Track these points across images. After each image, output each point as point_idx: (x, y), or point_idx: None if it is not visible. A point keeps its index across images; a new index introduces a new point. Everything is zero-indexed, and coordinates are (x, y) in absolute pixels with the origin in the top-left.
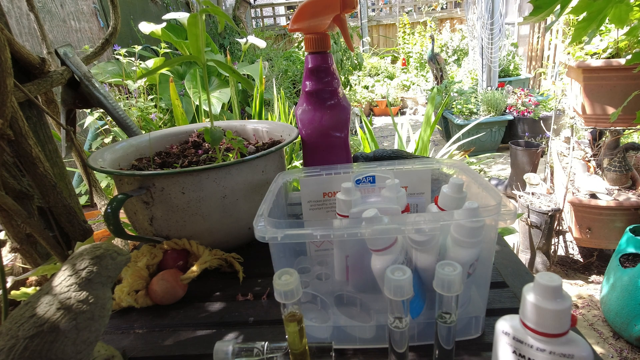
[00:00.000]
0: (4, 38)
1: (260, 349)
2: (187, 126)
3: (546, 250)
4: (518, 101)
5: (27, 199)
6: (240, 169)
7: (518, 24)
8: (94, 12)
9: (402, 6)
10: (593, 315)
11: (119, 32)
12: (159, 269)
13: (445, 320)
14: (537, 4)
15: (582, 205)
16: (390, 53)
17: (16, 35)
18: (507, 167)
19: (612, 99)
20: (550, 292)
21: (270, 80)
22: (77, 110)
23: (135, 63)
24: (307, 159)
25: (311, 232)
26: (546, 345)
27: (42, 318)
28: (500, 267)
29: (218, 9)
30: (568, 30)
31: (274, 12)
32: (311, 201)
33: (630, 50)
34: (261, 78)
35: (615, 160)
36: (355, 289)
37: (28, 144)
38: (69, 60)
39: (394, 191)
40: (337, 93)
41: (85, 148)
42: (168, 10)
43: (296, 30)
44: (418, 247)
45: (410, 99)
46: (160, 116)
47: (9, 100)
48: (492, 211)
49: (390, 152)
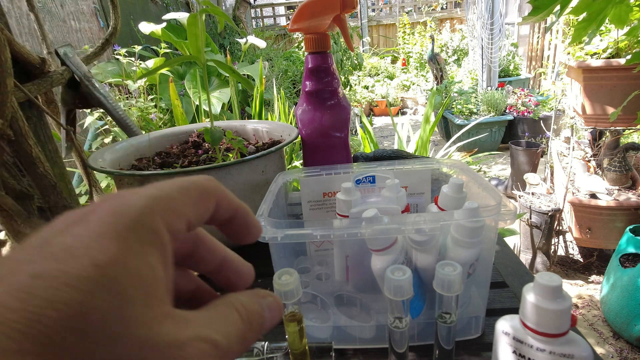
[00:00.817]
0: (4, 38)
1: (260, 349)
2: (187, 126)
3: (546, 250)
4: (518, 101)
5: (27, 199)
6: (240, 169)
7: (518, 24)
8: (94, 12)
9: (402, 6)
10: (593, 315)
11: (119, 32)
12: None
13: (445, 320)
14: (536, 4)
15: (582, 205)
16: (390, 53)
17: (16, 35)
18: (507, 167)
19: (612, 99)
20: (550, 292)
21: (270, 80)
22: (77, 110)
23: (135, 63)
24: (307, 159)
25: (311, 232)
26: (546, 345)
27: None
28: (500, 267)
29: (218, 9)
30: (568, 30)
31: (274, 12)
32: (311, 201)
33: (630, 50)
34: (261, 78)
35: (615, 160)
36: (355, 289)
37: (28, 144)
38: (69, 60)
39: (394, 191)
40: (337, 93)
41: (85, 148)
42: (168, 10)
43: (296, 30)
44: (418, 247)
45: (410, 99)
46: (160, 116)
47: (9, 100)
48: (492, 211)
49: (390, 152)
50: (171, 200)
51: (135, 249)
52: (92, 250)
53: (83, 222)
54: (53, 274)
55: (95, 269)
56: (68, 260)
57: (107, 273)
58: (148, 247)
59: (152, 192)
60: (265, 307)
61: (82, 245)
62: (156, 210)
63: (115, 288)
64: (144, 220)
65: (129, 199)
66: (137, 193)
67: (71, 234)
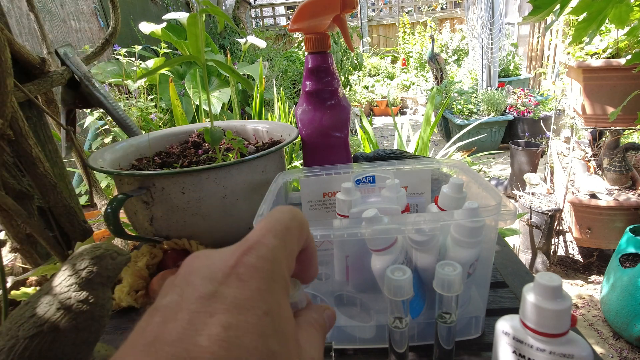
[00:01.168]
0: (4, 38)
1: None
2: (187, 126)
3: (546, 251)
4: (518, 101)
5: (27, 199)
6: (240, 169)
7: (518, 24)
8: (94, 12)
9: (402, 6)
10: (593, 315)
11: (119, 32)
12: (159, 269)
13: (445, 320)
14: (536, 3)
15: (582, 205)
16: (390, 53)
17: (16, 35)
18: (507, 167)
19: (612, 99)
20: (550, 292)
21: (270, 80)
22: (77, 110)
23: (135, 63)
24: (307, 159)
25: (311, 232)
26: (546, 345)
27: (42, 318)
28: (500, 267)
29: (218, 9)
30: (568, 30)
31: (274, 12)
32: (311, 201)
33: (630, 50)
34: (261, 78)
35: (615, 160)
36: (355, 289)
37: (28, 144)
38: (69, 60)
39: (394, 191)
40: (337, 93)
41: (85, 148)
42: (168, 10)
43: (296, 30)
44: (418, 247)
45: (410, 99)
46: (160, 116)
47: (9, 100)
48: (492, 211)
49: (390, 152)
50: (287, 244)
51: (279, 297)
52: (258, 302)
53: (234, 279)
54: (240, 324)
55: (267, 316)
56: (242, 311)
57: (274, 320)
58: (283, 293)
59: (273, 243)
60: (327, 318)
61: (249, 298)
62: (281, 260)
63: (281, 330)
64: (278, 272)
65: (264, 253)
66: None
67: (233, 288)
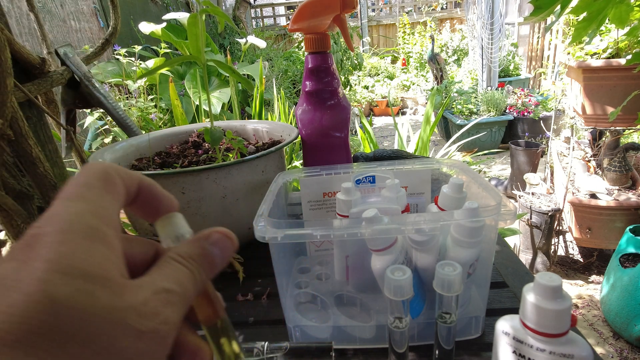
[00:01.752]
0: (4, 38)
1: (260, 349)
2: (187, 126)
3: (546, 251)
4: (518, 101)
5: (27, 199)
6: (240, 169)
7: (518, 24)
8: (94, 12)
9: (402, 6)
10: (593, 315)
11: (119, 32)
12: None
13: (445, 320)
14: (537, 4)
15: (582, 205)
16: (390, 53)
17: (16, 35)
18: (507, 167)
19: (612, 99)
20: (550, 292)
21: (270, 80)
22: (77, 110)
23: (135, 63)
24: (307, 159)
25: (311, 232)
26: (546, 345)
27: None
28: (500, 267)
29: (218, 9)
30: (568, 30)
31: (274, 12)
32: (311, 201)
33: (630, 50)
34: (261, 78)
35: (615, 160)
36: (355, 289)
37: (28, 144)
38: (69, 60)
39: (394, 191)
40: (337, 93)
41: (85, 148)
42: (168, 10)
43: (296, 30)
44: (418, 247)
45: (410, 99)
46: (160, 116)
47: (9, 100)
48: (492, 211)
49: (390, 152)
50: (101, 200)
51: (87, 247)
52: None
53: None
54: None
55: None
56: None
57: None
58: (97, 244)
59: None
60: (209, 246)
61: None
62: (94, 214)
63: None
64: (92, 224)
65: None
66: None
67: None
